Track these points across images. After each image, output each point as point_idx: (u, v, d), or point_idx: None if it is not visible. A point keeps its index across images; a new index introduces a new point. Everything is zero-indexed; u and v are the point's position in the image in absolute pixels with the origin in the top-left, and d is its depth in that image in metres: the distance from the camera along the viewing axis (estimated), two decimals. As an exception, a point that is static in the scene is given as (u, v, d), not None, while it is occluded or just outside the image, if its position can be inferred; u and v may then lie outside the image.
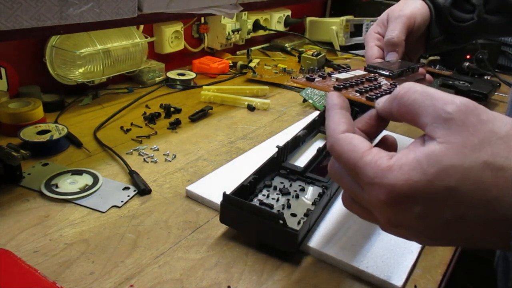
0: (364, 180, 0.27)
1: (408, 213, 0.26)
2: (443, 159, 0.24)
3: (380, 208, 0.27)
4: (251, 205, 0.50)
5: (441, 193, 0.24)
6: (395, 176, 0.25)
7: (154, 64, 1.03)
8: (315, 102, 0.94)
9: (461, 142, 0.24)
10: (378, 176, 0.26)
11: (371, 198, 0.27)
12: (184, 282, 0.45)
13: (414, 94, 0.27)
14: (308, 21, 1.47)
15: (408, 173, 0.25)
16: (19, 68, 0.82)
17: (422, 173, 0.24)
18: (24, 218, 0.52)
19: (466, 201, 0.24)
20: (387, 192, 0.26)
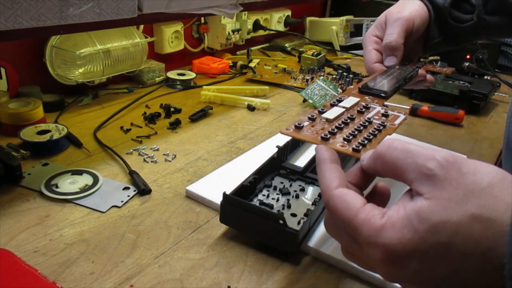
0: (360, 239, 0.28)
1: (405, 269, 0.26)
2: (432, 216, 0.25)
3: (378, 265, 0.28)
4: (251, 205, 0.50)
5: (434, 249, 0.25)
6: (388, 235, 0.26)
7: (154, 64, 1.03)
8: (315, 102, 0.94)
9: (447, 197, 0.25)
10: (372, 235, 0.27)
11: (369, 256, 0.28)
12: (184, 282, 0.45)
13: (395, 152, 0.28)
14: (308, 21, 1.47)
15: (400, 232, 0.25)
16: (19, 68, 0.82)
17: (414, 231, 0.25)
18: (24, 218, 0.52)
19: (459, 255, 0.24)
20: (382, 252, 0.26)
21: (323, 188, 0.31)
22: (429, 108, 0.93)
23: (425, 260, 0.25)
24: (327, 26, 1.40)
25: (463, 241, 0.24)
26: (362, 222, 0.27)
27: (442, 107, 0.92)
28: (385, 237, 0.26)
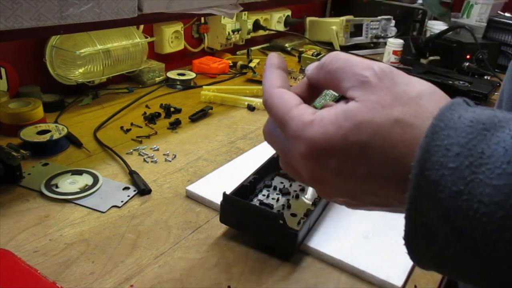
0: (289, 133, 0.28)
1: (326, 167, 0.27)
2: (357, 115, 0.25)
3: (302, 162, 0.28)
4: (251, 205, 0.50)
5: (354, 148, 0.25)
6: (314, 129, 0.26)
7: (154, 64, 1.03)
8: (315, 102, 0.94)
9: (375, 100, 0.26)
10: (299, 129, 0.27)
11: (294, 152, 0.28)
12: (184, 282, 0.45)
13: (338, 62, 0.29)
14: (308, 21, 1.47)
15: (325, 127, 0.26)
16: (19, 68, 0.82)
17: (338, 127, 0.26)
18: (24, 218, 0.52)
19: (376, 157, 0.25)
20: (306, 145, 0.27)
21: (265, 88, 0.31)
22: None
23: (344, 159, 0.26)
24: (327, 26, 1.40)
25: (382, 142, 0.25)
26: (293, 117, 0.28)
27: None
28: (311, 130, 0.27)
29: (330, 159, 0.26)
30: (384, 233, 0.53)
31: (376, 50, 1.45)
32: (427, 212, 0.23)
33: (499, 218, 0.21)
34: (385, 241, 0.52)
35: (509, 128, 0.22)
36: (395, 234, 0.53)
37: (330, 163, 0.26)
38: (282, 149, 0.31)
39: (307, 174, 0.29)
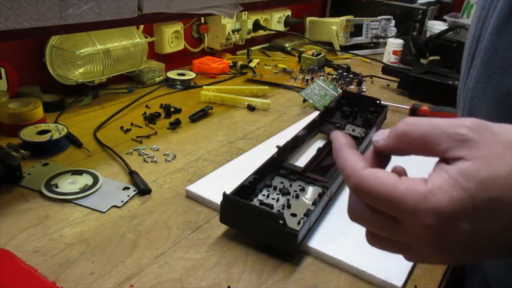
0: (406, 210, 0.26)
1: (456, 233, 0.25)
2: (479, 173, 0.24)
3: (425, 235, 0.26)
4: (251, 205, 0.50)
5: (486, 206, 0.24)
6: (437, 198, 0.25)
7: (154, 64, 1.03)
8: (315, 102, 0.94)
9: (488, 154, 0.25)
10: (419, 201, 0.25)
11: (415, 227, 0.26)
12: (184, 282, 0.45)
13: (422, 128, 0.27)
14: (308, 21, 1.47)
15: (449, 193, 0.25)
16: (19, 68, 0.82)
17: (463, 190, 0.25)
18: (24, 218, 0.52)
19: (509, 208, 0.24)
20: (433, 216, 0.25)
21: (350, 172, 0.29)
22: (429, 108, 0.93)
23: (477, 219, 0.25)
24: (327, 26, 1.40)
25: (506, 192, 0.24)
26: (405, 191, 0.26)
27: (442, 107, 0.92)
28: (434, 200, 0.25)
29: (461, 223, 0.25)
30: (384, 233, 0.53)
31: (376, 50, 1.45)
32: None
33: None
34: (385, 241, 0.52)
35: None
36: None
37: (461, 227, 0.25)
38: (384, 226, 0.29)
39: (431, 246, 0.27)
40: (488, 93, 0.37)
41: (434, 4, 1.65)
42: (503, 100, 0.35)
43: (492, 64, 0.37)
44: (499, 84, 0.36)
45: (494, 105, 0.36)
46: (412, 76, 1.05)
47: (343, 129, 0.78)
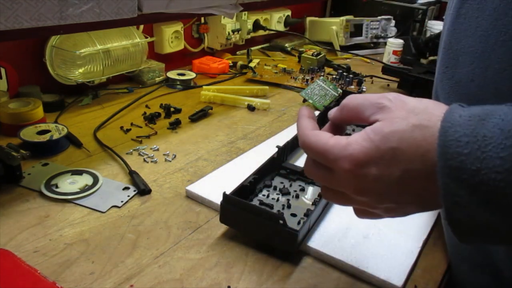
0: (331, 158, 0.34)
1: (368, 176, 0.33)
2: (383, 129, 0.32)
3: (346, 179, 0.34)
4: (251, 205, 0.50)
5: (387, 154, 0.32)
6: (352, 147, 0.33)
7: (154, 64, 1.03)
8: (315, 102, 0.94)
9: (394, 116, 0.33)
10: (340, 151, 0.34)
11: (339, 173, 0.34)
12: (184, 282, 0.45)
13: (355, 100, 0.36)
14: (308, 21, 1.47)
15: (361, 143, 0.33)
16: (19, 68, 0.82)
17: (371, 141, 0.33)
18: (24, 218, 0.52)
19: (406, 157, 0.31)
20: (349, 161, 0.33)
21: (300, 133, 0.38)
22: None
23: (381, 164, 0.32)
24: (327, 26, 1.40)
25: (408, 144, 0.31)
26: (332, 145, 0.34)
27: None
28: (350, 149, 0.33)
29: (370, 168, 0.32)
30: (384, 233, 0.53)
31: (376, 50, 1.45)
32: (457, 191, 0.29)
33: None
34: (385, 241, 0.52)
35: (498, 114, 0.29)
36: (395, 234, 0.53)
37: (370, 171, 0.32)
38: (324, 177, 0.36)
39: (352, 189, 0.34)
40: (446, 82, 0.42)
41: (434, 4, 1.65)
42: (456, 88, 0.40)
43: (448, 56, 0.41)
44: (453, 74, 0.41)
45: (450, 92, 0.41)
46: (412, 76, 1.05)
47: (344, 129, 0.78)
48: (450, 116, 0.31)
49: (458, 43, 0.40)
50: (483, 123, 0.29)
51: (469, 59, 0.38)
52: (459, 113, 0.31)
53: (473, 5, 0.38)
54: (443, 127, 0.30)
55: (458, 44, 0.40)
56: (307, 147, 0.37)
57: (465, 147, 0.29)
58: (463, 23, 0.39)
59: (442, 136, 0.30)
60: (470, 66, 0.38)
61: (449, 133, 0.30)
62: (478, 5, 0.38)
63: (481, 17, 0.37)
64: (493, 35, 0.36)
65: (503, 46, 0.36)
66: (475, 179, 0.29)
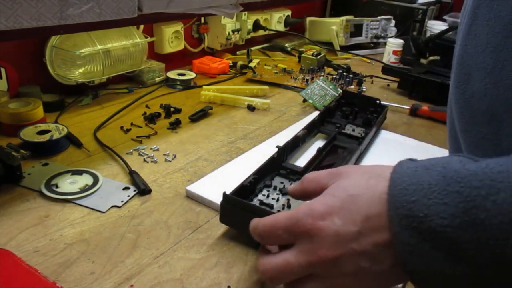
0: (295, 221, 0.37)
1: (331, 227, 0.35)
2: (340, 183, 0.37)
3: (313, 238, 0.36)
4: (251, 205, 0.50)
5: (347, 201, 0.35)
6: (313, 205, 0.37)
7: (154, 64, 1.03)
8: (315, 102, 0.94)
9: (350, 174, 0.38)
10: (303, 211, 0.37)
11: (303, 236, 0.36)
12: (184, 282, 0.45)
13: (315, 173, 0.41)
14: (308, 21, 1.47)
15: (321, 200, 0.37)
16: (19, 68, 0.82)
17: (330, 195, 0.37)
18: (24, 218, 0.52)
19: (365, 201, 0.34)
20: (311, 216, 0.36)
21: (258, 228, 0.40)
22: (429, 108, 0.93)
23: (343, 213, 0.35)
24: (327, 26, 1.40)
25: (366, 190, 0.35)
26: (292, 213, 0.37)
27: (442, 107, 0.92)
28: (312, 206, 0.36)
29: (333, 218, 0.35)
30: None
31: (376, 50, 1.45)
32: (409, 240, 0.31)
33: (458, 224, 0.29)
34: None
35: (441, 162, 0.32)
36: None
37: (334, 221, 0.35)
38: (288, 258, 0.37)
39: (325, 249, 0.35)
40: (459, 97, 0.42)
41: (434, 4, 1.65)
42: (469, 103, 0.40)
43: (461, 72, 0.42)
44: (465, 89, 0.41)
45: (463, 107, 0.41)
46: (412, 76, 1.05)
47: (343, 129, 0.78)
48: (399, 168, 0.34)
49: (470, 59, 0.40)
50: (428, 172, 0.31)
51: (481, 74, 0.38)
52: (407, 165, 0.33)
53: (483, 22, 0.38)
54: (392, 178, 0.33)
55: (470, 60, 0.40)
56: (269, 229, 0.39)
57: (412, 195, 0.31)
58: (474, 39, 0.39)
59: (392, 186, 0.32)
60: (482, 82, 0.38)
61: (397, 183, 0.32)
62: (487, 22, 0.38)
63: (491, 34, 0.37)
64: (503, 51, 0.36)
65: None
66: (423, 225, 0.30)
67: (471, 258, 0.29)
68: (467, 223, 0.28)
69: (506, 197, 0.28)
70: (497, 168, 0.29)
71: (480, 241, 0.28)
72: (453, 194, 0.29)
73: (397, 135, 0.83)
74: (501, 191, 0.28)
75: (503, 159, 0.30)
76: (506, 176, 0.28)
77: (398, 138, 0.81)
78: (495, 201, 0.28)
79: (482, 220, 0.28)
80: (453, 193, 0.29)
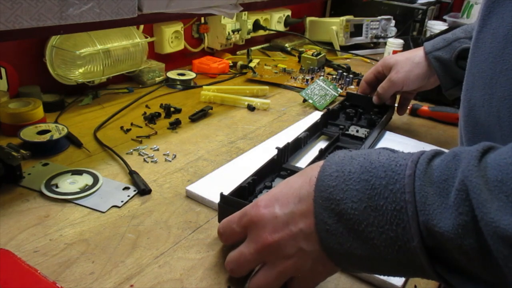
0: (243, 213, 0.42)
1: (274, 212, 0.39)
2: (281, 181, 0.42)
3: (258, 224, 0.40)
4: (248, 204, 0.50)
5: (284, 187, 0.40)
6: (258, 200, 0.41)
7: (154, 64, 1.03)
8: (315, 102, 0.94)
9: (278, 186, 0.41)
10: (249, 205, 0.42)
11: (251, 225, 0.41)
12: (184, 282, 0.45)
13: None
14: (308, 21, 1.47)
15: (263, 196, 0.41)
16: (19, 68, 0.82)
17: (271, 189, 0.42)
18: (24, 218, 0.52)
19: (299, 184, 0.38)
20: (255, 207, 0.41)
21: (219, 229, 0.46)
22: (429, 108, 0.93)
23: (282, 197, 0.39)
24: (327, 26, 1.40)
25: (300, 175, 0.39)
26: (242, 209, 0.43)
27: (442, 107, 0.92)
28: (256, 201, 0.41)
29: (274, 206, 0.39)
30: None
31: (376, 50, 1.45)
32: (327, 220, 0.34)
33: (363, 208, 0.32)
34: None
35: (364, 154, 0.35)
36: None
37: (275, 208, 0.39)
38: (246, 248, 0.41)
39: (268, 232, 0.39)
40: (465, 105, 0.42)
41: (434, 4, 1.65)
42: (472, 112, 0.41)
43: (468, 79, 0.42)
44: (470, 97, 0.41)
45: (468, 115, 0.42)
46: (412, 76, 1.05)
47: (347, 130, 0.78)
48: (331, 157, 0.37)
49: (474, 67, 0.40)
50: (352, 161, 0.35)
51: (482, 84, 0.39)
52: (338, 155, 0.37)
53: (489, 30, 0.38)
54: (323, 165, 0.36)
55: (474, 68, 0.40)
56: (226, 225, 0.44)
57: (334, 180, 0.35)
58: (480, 47, 0.40)
59: (321, 171, 0.36)
60: (481, 91, 0.39)
61: (325, 169, 0.36)
62: (493, 30, 0.38)
63: (494, 43, 0.37)
64: (500, 62, 0.36)
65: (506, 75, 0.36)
66: (339, 207, 0.33)
67: (373, 240, 0.32)
68: (371, 208, 0.32)
69: (400, 187, 0.31)
70: (400, 162, 0.33)
71: (379, 225, 0.32)
72: (363, 182, 0.33)
73: (397, 135, 0.83)
74: (397, 182, 0.31)
75: (410, 154, 0.33)
76: (404, 169, 0.32)
77: (402, 140, 0.81)
78: (392, 190, 0.31)
79: (381, 206, 0.32)
80: (363, 181, 0.33)
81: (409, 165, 0.32)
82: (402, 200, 0.31)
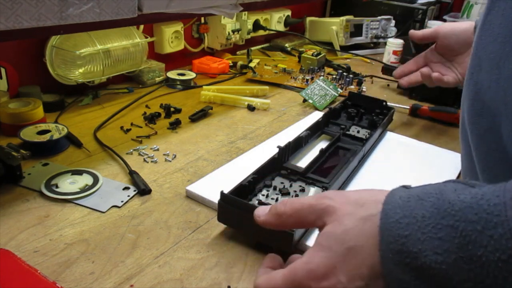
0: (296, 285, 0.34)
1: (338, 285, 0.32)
2: (335, 231, 0.32)
3: None
4: (247, 204, 0.50)
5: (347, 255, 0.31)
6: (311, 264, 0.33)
7: (154, 64, 1.03)
8: (315, 102, 0.94)
9: (340, 214, 0.33)
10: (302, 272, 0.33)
11: None
12: (184, 282, 0.45)
13: (294, 205, 0.36)
14: (308, 21, 1.47)
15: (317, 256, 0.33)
16: (19, 68, 0.82)
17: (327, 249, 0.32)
18: (24, 218, 0.52)
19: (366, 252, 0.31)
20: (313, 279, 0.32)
21: None
22: (429, 108, 0.93)
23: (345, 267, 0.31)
24: (327, 26, 1.40)
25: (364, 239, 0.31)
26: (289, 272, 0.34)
27: (442, 107, 0.92)
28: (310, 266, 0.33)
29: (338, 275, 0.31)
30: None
31: (376, 50, 1.45)
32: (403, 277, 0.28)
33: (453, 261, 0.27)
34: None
35: (435, 192, 0.29)
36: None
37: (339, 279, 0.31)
38: None
39: None
40: (471, 88, 0.42)
41: (434, 4, 1.65)
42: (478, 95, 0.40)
43: (474, 62, 0.41)
44: (476, 80, 0.40)
45: (473, 99, 0.41)
46: (412, 76, 1.05)
47: (348, 130, 0.78)
48: (391, 199, 0.31)
49: (482, 49, 0.40)
50: (422, 203, 0.29)
51: (489, 65, 0.38)
52: (399, 195, 0.31)
53: (499, 12, 0.38)
54: (384, 210, 0.30)
55: (482, 50, 0.40)
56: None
57: (405, 229, 0.29)
58: (488, 29, 0.39)
59: (383, 219, 0.30)
60: (489, 73, 0.38)
61: (389, 215, 0.30)
62: (503, 11, 0.37)
63: (504, 23, 0.37)
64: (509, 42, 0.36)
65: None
66: (417, 262, 0.28)
67: None
68: (463, 260, 0.27)
69: (504, 232, 0.26)
70: (493, 200, 0.27)
71: (478, 280, 0.26)
72: (448, 228, 0.27)
73: (397, 135, 0.83)
74: (498, 225, 0.26)
75: (500, 188, 0.28)
76: (502, 209, 0.26)
77: (404, 140, 0.81)
78: (492, 236, 0.26)
79: (479, 257, 0.26)
80: (447, 227, 0.27)
81: (510, 204, 0.26)
82: (509, 248, 0.25)
